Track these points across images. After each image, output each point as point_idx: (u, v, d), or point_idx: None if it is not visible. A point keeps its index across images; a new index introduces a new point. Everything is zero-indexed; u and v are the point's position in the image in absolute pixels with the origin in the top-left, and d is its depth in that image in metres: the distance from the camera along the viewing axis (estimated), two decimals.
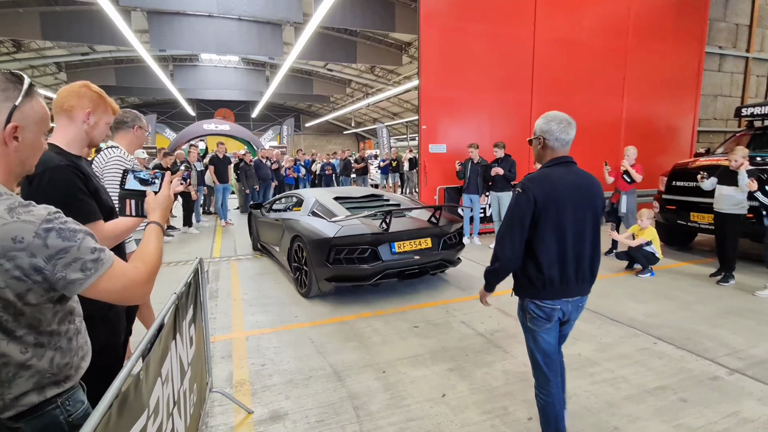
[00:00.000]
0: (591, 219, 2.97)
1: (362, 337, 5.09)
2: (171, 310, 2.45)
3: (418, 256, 6.32)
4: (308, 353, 4.79)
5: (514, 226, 2.91)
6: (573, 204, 2.90)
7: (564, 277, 2.94)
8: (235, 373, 4.37)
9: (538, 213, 2.87)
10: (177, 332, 2.54)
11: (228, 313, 5.89)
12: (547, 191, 2.87)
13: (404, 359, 4.63)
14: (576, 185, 2.94)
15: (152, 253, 1.71)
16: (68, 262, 1.43)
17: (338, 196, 7.59)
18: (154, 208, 1.94)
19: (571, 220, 2.90)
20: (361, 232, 6.15)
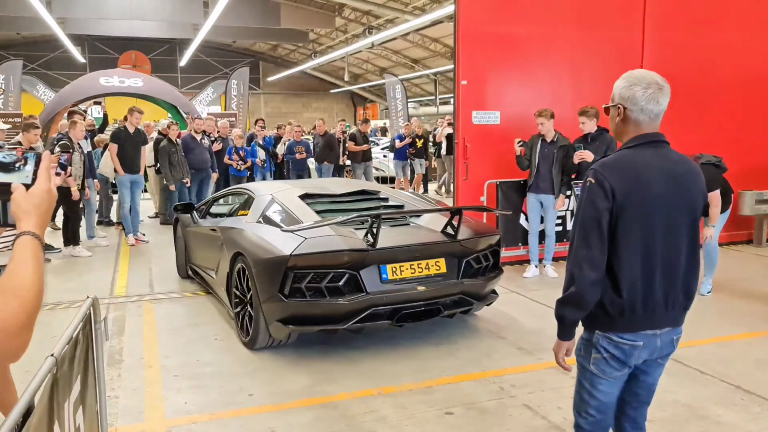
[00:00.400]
0: (688, 221, 2.36)
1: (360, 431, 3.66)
2: (45, 384, 1.92)
3: (424, 287, 4.68)
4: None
5: (592, 234, 2.28)
6: (664, 200, 2.30)
7: (650, 302, 2.33)
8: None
9: (617, 212, 2.27)
10: (55, 420, 1.97)
11: (139, 389, 4.37)
12: (630, 183, 2.27)
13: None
14: (669, 174, 2.33)
15: (28, 281, 1.34)
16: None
17: (308, 192, 5.73)
18: (27, 211, 1.46)
19: (661, 223, 2.31)
20: (334, 248, 4.54)
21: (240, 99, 21.92)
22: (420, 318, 4.77)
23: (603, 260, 2.29)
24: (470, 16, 7.40)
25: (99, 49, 33.38)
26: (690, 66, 8.35)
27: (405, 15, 22.21)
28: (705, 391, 4.10)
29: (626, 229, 2.28)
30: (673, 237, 2.33)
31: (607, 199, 2.26)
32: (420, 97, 37.27)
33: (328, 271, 4.50)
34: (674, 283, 2.37)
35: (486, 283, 5.08)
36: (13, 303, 1.29)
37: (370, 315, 4.52)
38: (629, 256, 2.29)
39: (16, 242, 1.42)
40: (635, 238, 2.28)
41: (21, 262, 1.38)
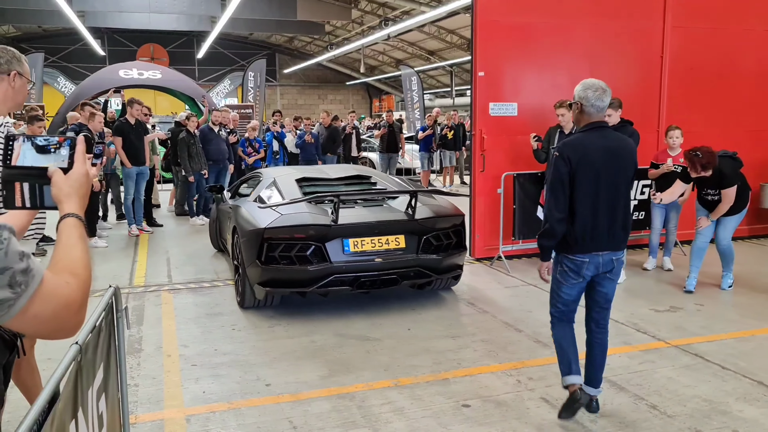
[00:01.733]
0: (623, 180, 3.52)
1: (377, 423, 3.67)
2: (70, 372, 1.89)
3: (381, 259, 5.38)
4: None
5: (557, 189, 3.45)
6: (604, 166, 3.44)
7: (595, 234, 3.46)
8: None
9: (573, 174, 3.41)
10: (79, 407, 1.96)
11: (158, 377, 4.35)
12: (580, 154, 3.42)
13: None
14: (607, 149, 3.47)
15: (81, 260, 1.37)
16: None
17: (307, 176, 6.49)
18: (68, 194, 1.49)
19: (603, 182, 3.43)
20: (302, 223, 5.34)
21: (257, 91, 21.85)
22: (379, 286, 5.46)
23: (566, 206, 3.45)
24: (488, 6, 7.27)
25: (118, 42, 33.42)
26: (711, 56, 8.16)
27: (421, 6, 21.95)
28: (726, 386, 4.03)
29: (579, 185, 3.41)
30: (612, 191, 3.46)
31: (567, 166, 3.41)
32: (436, 89, 36.96)
33: (296, 242, 5.21)
34: (615, 221, 3.49)
35: (444, 259, 5.58)
36: (72, 281, 1.32)
37: (333, 281, 5.23)
38: (581, 204, 3.43)
39: (60, 224, 1.45)
40: (584, 192, 3.42)
41: (70, 243, 1.41)
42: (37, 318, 1.23)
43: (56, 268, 1.33)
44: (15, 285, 1.16)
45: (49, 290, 1.23)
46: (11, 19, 24.33)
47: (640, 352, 4.61)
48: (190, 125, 10.09)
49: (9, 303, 1.16)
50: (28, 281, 1.18)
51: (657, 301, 5.85)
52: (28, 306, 1.20)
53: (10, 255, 1.17)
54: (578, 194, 3.43)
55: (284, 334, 5.08)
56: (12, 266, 1.16)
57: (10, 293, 1.16)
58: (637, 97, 7.89)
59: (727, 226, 6.04)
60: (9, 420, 3.15)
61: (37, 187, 1.56)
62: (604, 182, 3.43)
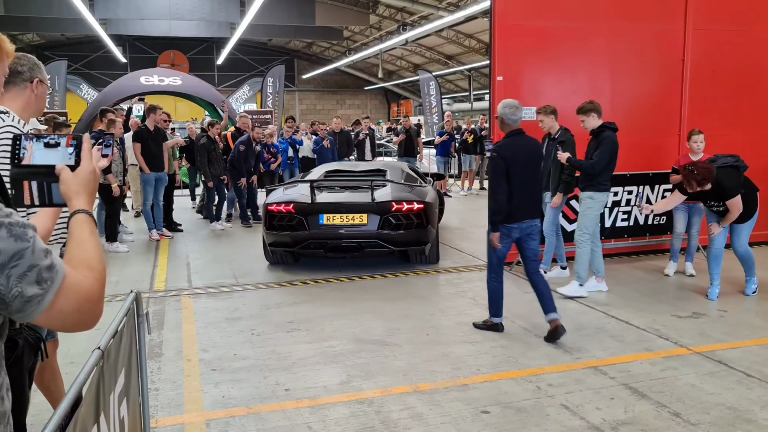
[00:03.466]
0: (536, 169, 5.12)
1: (395, 429, 3.64)
2: (93, 376, 1.93)
3: (344, 231, 7.00)
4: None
5: (501, 178, 4.87)
6: (525, 160, 4.94)
7: (521, 208, 4.93)
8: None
9: (506, 167, 4.85)
10: (101, 411, 2.00)
11: (178, 381, 4.37)
12: (510, 153, 4.91)
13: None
14: (525, 147, 5.01)
15: (94, 254, 1.41)
16: (23, 272, 1.19)
17: (337, 169, 8.56)
18: (77, 191, 1.52)
19: (525, 171, 4.92)
20: (290, 200, 7.13)
21: (275, 96, 21.96)
22: (345, 251, 7.07)
23: (507, 189, 4.82)
24: (506, 10, 7.22)
25: (139, 49, 33.83)
26: (734, 58, 8.01)
27: (439, 11, 21.91)
28: (751, 394, 3.95)
29: (511, 175, 4.83)
30: (531, 177, 4.97)
31: (503, 162, 4.84)
32: (454, 94, 36.82)
33: (285, 214, 7.05)
34: (533, 198, 5.07)
35: (400, 235, 6.98)
36: (89, 275, 1.35)
37: (309, 245, 7.03)
38: (513, 188, 4.84)
39: (71, 221, 1.47)
40: (514, 177, 4.84)
41: (83, 239, 1.44)
42: (62, 312, 1.26)
43: (72, 263, 1.36)
44: (42, 281, 1.21)
45: (70, 285, 1.27)
46: (35, 28, 24.73)
47: (662, 359, 4.55)
48: (213, 132, 10.21)
49: (38, 299, 1.20)
50: (53, 277, 1.22)
51: (679, 307, 5.76)
52: (54, 301, 1.23)
53: (36, 252, 1.21)
54: (510, 181, 4.85)
55: (303, 339, 5.09)
56: (38, 263, 1.20)
57: (39, 289, 1.20)
58: (658, 100, 7.80)
59: (741, 233, 5.93)
60: (32, 423, 3.16)
61: (45, 185, 1.58)
62: (526, 171, 4.92)
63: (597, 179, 6.11)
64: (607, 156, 6.02)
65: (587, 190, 6.18)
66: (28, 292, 1.19)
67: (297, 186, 7.77)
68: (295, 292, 6.58)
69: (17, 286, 1.19)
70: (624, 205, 7.76)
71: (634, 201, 7.73)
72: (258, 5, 17.04)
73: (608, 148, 6.02)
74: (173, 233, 9.86)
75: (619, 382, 4.17)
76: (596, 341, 4.94)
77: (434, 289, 6.55)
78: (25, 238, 1.21)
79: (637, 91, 7.82)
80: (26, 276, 1.19)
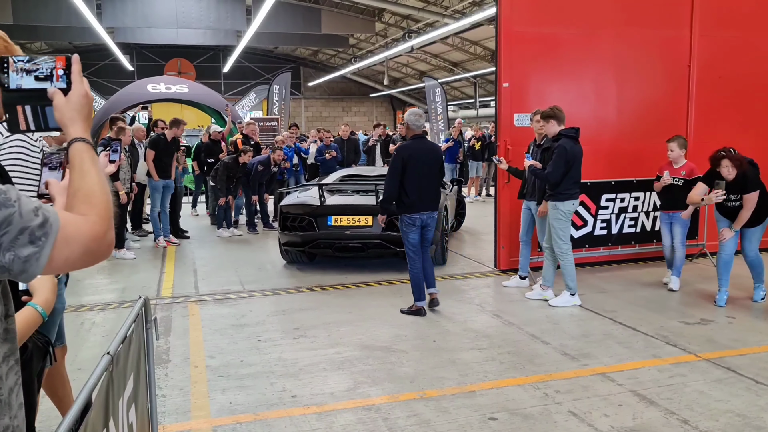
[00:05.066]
0: (435, 170, 5.90)
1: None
2: (102, 382, 1.94)
3: (350, 232, 7.42)
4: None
5: (395, 175, 5.72)
6: (423, 160, 5.77)
7: (420, 201, 5.75)
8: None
9: (405, 165, 5.68)
10: (110, 417, 2.02)
11: (185, 388, 4.38)
12: (409, 153, 5.75)
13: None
14: (424, 149, 5.86)
15: (97, 187, 1.38)
16: (14, 237, 1.19)
17: (353, 174, 9.33)
18: (72, 118, 1.46)
19: (424, 170, 5.76)
20: (301, 202, 7.69)
21: (282, 104, 21.99)
22: (351, 251, 7.45)
23: (398, 184, 5.68)
24: (512, 17, 7.23)
25: (146, 57, 33.91)
26: (741, 65, 8.00)
27: (445, 18, 21.88)
28: (759, 401, 3.93)
29: (411, 172, 5.66)
30: (429, 175, 5.79)
31: (401, 161, 5.68)
32: (460, 100, 36.82)
33: (297, 216, 7.52)
34: (431, 193, 5.84)
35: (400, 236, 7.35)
36: (92, 213, 1.34)
37: (318, 244, 7.46)
38: (412, 183, 5.67)
39: (70, 150, 1.45)
40: (412, 175, 5.67)
41: (84, 169, 1.41)
42: (68, 260, 1.28)
43: (74, 200, 1.36)
44: (36, 240, 1.21)
45: (70, 233, 1.27)
46: (43, 36, 24.83)
47: (671, 365, 4.52)
48: (244, 158, 10.22)
49: (35, 257, 1.21)
50: (47, 232, 1.22)
51: (687, 314, 5.74)
52: (55, 254, 1.23)
53: (24, 215, 1.20)
54: (411, 177, 5.65)
55: (310, 345, 5.09)
56: (29, 224, 1.20)
57: (34, 248, 1.20)
58: (665, 106, 7.78)
59: (752, 238, 5.88)
60: (41, 429, 3.17)
61: (39, 109, 1.55)
62: (424, 170, 5.74)
63: (558, 189, 6.01)
64: (561, 165, 5.91)
65: (550, 200, 6.10)
66: (23, 252, 1.20)
67: (310, 189, 8.18)
68: (302, 298, 6.58)
69: (11, 251, 1.19)
70: (631, 211, 7.74)
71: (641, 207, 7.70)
72: (264, 13, 17.08)
73: (561, 158, 5.92)
74: (180, 240, 9.89)
75: (627, 388, 4.15)
76: (604, 348, 4.92)
77: (440, 295, 6.53)
78: (8, 203, 1.20)
79: (644, 98, 7.81)
80: (18, 239, 1.19)
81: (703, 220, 7.65)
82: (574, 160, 5.97)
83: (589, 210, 7.54)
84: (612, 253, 7.84)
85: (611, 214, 7.67)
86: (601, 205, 7.61)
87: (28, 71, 1.50)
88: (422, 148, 5.82)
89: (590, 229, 7.59)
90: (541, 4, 7.41)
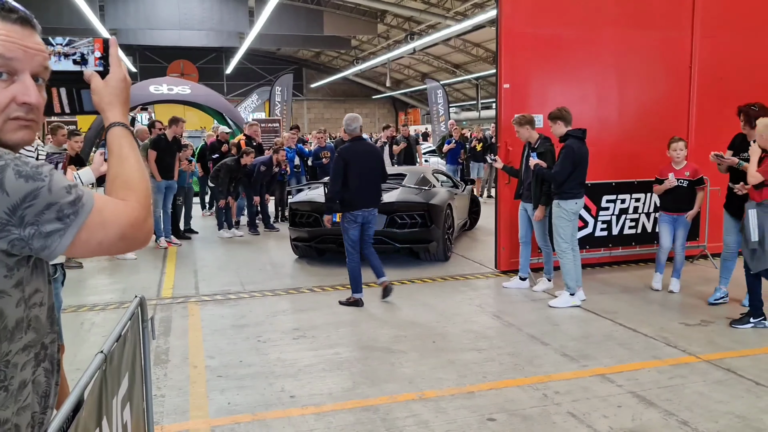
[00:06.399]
0: (375, 168, 6.25)
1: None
2: (95, 380, 1.93)
3: None
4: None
5: (338, 175, 6.00)
6: (363, 160, 6.12)
7: (361, 198, 6.08)
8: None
9: (347, 166, 5.99)
10: (103, 415, 2.00)
11: (184, 388, 4.38)
12: (350, 154, 6.10)
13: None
14: (363, 150, 6.24)
15: (136, 172, 1.38)
16: (39, 211, 1.16)
17: None
18: (110, 102, 1.45)
19: (364, 169, 6.09)
20: (307, 200, 8.13)
21: (284, 105, 22.03)
22: None
23: (341, 182, 5.95)
24: (513, 18, 7.22)
25: (149, 59, 34.01)
26: (742, 67, 7.95)
27: (446, 20, 21.97)
28: (760, 403, 3.91)
29: (352, 172, 5.96)
30: (370, 174, 6.12)
31: (343, 162, 5.97)
32: (462, 102, 36.83)
33: (304, 212, 8.01)
34: (372, 191, 6.18)
35: (403, 233, 7.69)
36: (131, 198, 1.33)
37: (323, 239, 7.86)
38: (354, 182, 5.96)
39: (108, 135, 1.43)
40: (353, 175, 5.97)
41: (123, 154, 1.40)
42: (102, 244, 1.26)
43: (113, 185, 1.34)
44: (63, 217, 1.18)
45: (108, 217, 1.25)
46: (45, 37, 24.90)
47: (670, 367, 4.51)
48: (246, 160, 10.21)
49: (59, 233, 1.18)
50: (78, 211, 1.20)
51: (687, 315, 5.72)
52: (87, 236, 1.22)
53: (55, 191, 1.18)
54: (352, 177, 5.96)
55: (309, 346, 5.09)
56: (58, 201, 1.18)
57: (60, 224, 1.18)
58: (666, 108, 7.76)
59: None
60: None
61: (74, 92, 1.53)
62: (365, 170, 6.07)
63: (563, 188, 6.04)
64: (568, 165, 5.96)
65: (555, 199, 6.15)
66: (46, 228, 1.17)
67: (319, 187, 8.45)
68: (301, 299, 6.58)
69: (33, 225, 1.16)
70: (632, 212, 7.72)
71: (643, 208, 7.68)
72: (267, 15, 17.15)
73: (568, 158, 5.97)
74: (181, 241, 9.90)
75: (627, 390, 4.14)
76: (603, 349, 4.91)
77: (440, 296, 6.53)
78: (38, 177, 1.17)
79: (645, 99, 7.79)
80: (43, 214, 1.17)
81: (704, 222, 7.62)
82: (580, 161, 6.01)
83: (590, 211, 7.52)
84: (613, 254, 7.82)
85: (612, 216, 7.65)
86: (601, 206, 7.59)
87: (66, 55, 1.47)
88: (361, 149, 6.20)
89: (591, 230, 7.57)
90: (541, 6, 7.39)
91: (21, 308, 1.20)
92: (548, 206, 6.39)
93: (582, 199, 6.20)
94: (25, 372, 1.23)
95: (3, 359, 1.17)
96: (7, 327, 1.17)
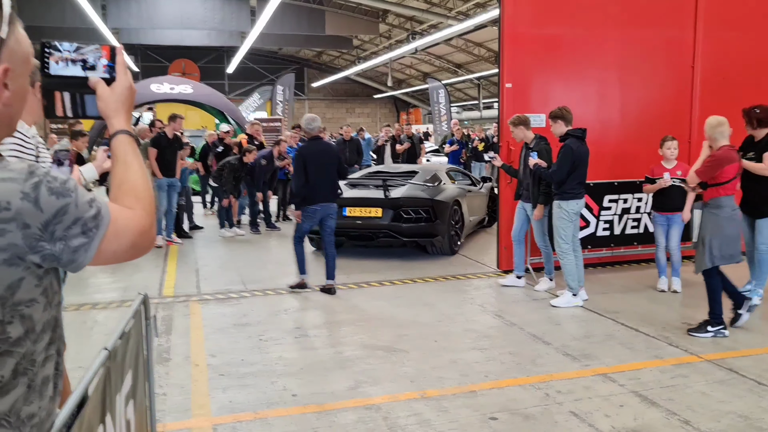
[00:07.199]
0: (332, 165, 6.59)
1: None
2: (99, 376, 1.93)
3: (361, 222, 8.18)
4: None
5: (300, 172, 6.46)
6: (321, 158, 6.52)
7: (319, 193, 6.49)
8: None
9: (305, 163, 6.43)
10: (107, 412, 2.01)
11: (186, 386, 4.37)
12: (308, 152, 6.55)
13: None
14: (320, 149, 6.65)
15: (141, 180, 1.40)
16: (68, 226, 1.20)
17: (378, 170, 10.00)
18: (116, 109, 1.46)
19: (321, 167, 6.48)
20: None
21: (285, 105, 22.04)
22: (360, 239, 8.33)
23: (304, 179, 6.42)
24: (515, 18, 7.22)
25: (151, 58, 33.98)
26: (745, 65, 7.95)
27: (448, 20, 21.94)
28: (762, 402, 3.91)
29: (310, 169, 6.41)
30: (327, 171, 6.51)
31: (302, 159, 6.47)
32: (463, 102, 36.81)
33: None
34: (330, 187, 6.58)
35: (408, 228, 7.98)
36: (138, 206, 1.36)
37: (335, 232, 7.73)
38: (312, 177, 6.41)
39: (114, 142, 1.46)
40: (311, 172, 6.41)
41: (128, 161, 1.42)
42: (116, 253, 1.30)
43: (120, 192, 1.37)
44: (87, 231, 1.22)
45: (120, 227, 1.28)
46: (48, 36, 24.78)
47: (672, 366, 4.51)
48: (249, 158, 10.21)
49: (85, 248, 1.22)
50: (99, 224, 1.24)
51: (689, 315, 5.70)
52: (105, 247, 1.25)
53: (80, 206, 1.21)
54: (310, 174, 6.38)
55: (311, 345, 5.09)
56: (83, 215, 1.21)
57: (85, 239, 1.22)
58: (668, 107, 7.76)
59: (763, 230, 5.74)
60: None
61: (78, 96, 1.55)
62: (322, 167, 6.45)
63: (563, 188, 6.03)
64: (567, 164, 5.95)
65: (556, 199, 6.14)
66: (74, 243, 1.20)
67: None
68: (303, 298, 6.58)
69: (62, 241, 1.20)
70: (634, 212, 7.71)
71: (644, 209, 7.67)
72: (268, 15, 17.12)
73: (566, 157, 5.97)
74: (182, 240, 9.89)
75: (629, 389, 4.14)
76: (605, 348, 4.90)
77: (442, 295, 6.53)
78: (67, 193, 1.20)
79: (647, 98, 7.78)
80: (71, 229, 1.20)
81: None
82: (580, 161, 5.99)
83: (592, 211, 7.51)
84: (614, 254, 7.81)
85: (614, 215, 7.64)
86: (603, 205, 7.58)
87: (74, 60, 1.49)
88: (319, 148, 6.62)
89: (593, 230, 7.56)
90: (544, 6, 7.39)
91: (47, 312, 1.24)
92: (547, 205, 6.39)
93: (582, 199, 6.19)
94: (47, 368, 1.27)
95: (29, 358, 1.20)
96: (36, 330, 1.21)
